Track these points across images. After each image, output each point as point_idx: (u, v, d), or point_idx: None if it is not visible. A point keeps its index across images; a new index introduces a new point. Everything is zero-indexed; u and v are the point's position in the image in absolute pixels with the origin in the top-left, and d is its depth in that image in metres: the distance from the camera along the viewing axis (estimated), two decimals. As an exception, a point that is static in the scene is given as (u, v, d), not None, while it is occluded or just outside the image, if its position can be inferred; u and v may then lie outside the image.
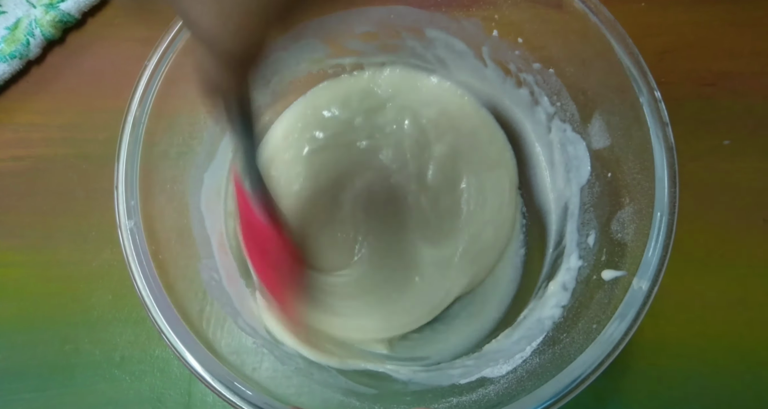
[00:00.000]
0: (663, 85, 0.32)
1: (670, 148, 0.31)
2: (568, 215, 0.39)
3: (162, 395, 0.41)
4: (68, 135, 0.47)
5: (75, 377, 0.42)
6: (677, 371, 0.41)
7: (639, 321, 0.30)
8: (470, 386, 0.34)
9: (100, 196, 0.45)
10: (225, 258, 0.39)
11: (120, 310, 0.43)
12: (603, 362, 0.29)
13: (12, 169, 0.46)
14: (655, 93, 0.32)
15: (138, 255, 0.32)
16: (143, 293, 0.32)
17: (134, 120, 0.34)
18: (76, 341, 0.42)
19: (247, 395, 0.30)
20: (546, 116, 0.40)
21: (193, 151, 0.39)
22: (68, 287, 0.44)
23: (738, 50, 0.47)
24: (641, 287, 0.30)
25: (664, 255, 0.30)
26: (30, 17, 0.47)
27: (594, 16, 0.33)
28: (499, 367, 0.34)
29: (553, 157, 0.41)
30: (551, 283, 0.37)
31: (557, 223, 0.41)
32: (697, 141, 0.45)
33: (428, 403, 0.34)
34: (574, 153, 0.38)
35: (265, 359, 0.36)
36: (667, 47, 0.47)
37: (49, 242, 0.45)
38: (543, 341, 0.35)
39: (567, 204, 0.40)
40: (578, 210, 0.38)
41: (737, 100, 0.46)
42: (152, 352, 0.42)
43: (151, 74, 0.34)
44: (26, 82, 0.48)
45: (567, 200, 0.40)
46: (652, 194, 0.31)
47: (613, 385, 0.41)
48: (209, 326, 0.34)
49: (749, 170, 0.45)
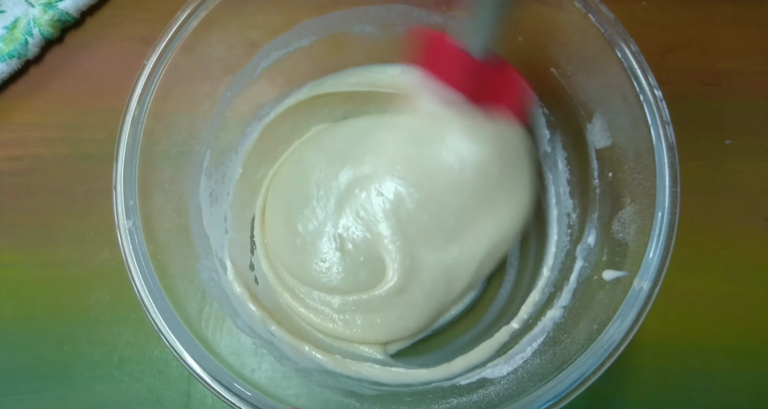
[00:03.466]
0: (664, 84, 0.32)
1: (671, 147, 0.31)
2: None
3: (161, 396, 0.41)
4: (67, 135, 0.47)
5: (73, 377, 0.42)
6: (677, 371, 0.41)
7: (640, 321, 0.30)
8: (470, 386, 0.34)
9: (99, 196, 0.45)
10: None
11: (119, 310, 0.43)
12: (604, 362, 0.29)
13: (10, 169, 0.46)
14: (656, 92, 0.32)
15: (137, 255, 0.32)
16: (142, 294, 0.32)
17: (133, 119, 0.34)
18: (74, 342, 0.42)
19: (247, 395, 0.30)
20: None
21: (192, 150, 0.39)
22: (67, 287, 0.43)
23: (740, 49, 0.47)
24: (642, 287, 0.30)
25: (666, 255, 0.30)
26: (28, 16, 0.47)
27: (594, 15, 0.33)
28: (499, 367, 0.34)
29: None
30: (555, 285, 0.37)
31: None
32: (698, 141, 0.45)
33: (428, 403, 0.34)
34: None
35: (264, 360, 0.36)
36: (669, 46, 0.47)
37: (48, 242, 0.45)
38: (544, 341, 0.35)
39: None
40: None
41: (739, 100, 0.46)
42: (151, 352, 0.42)
43: (150, 73, 0.34)
44: (25, 81, 0.48)
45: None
46: (653, 194, 0.31)
47: (613, 385, 0.41)
48: (208, 326, 0.34)
49: (751, 170, 0.45)
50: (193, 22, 0.34)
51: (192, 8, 0.34)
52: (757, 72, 0.46)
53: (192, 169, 0.39)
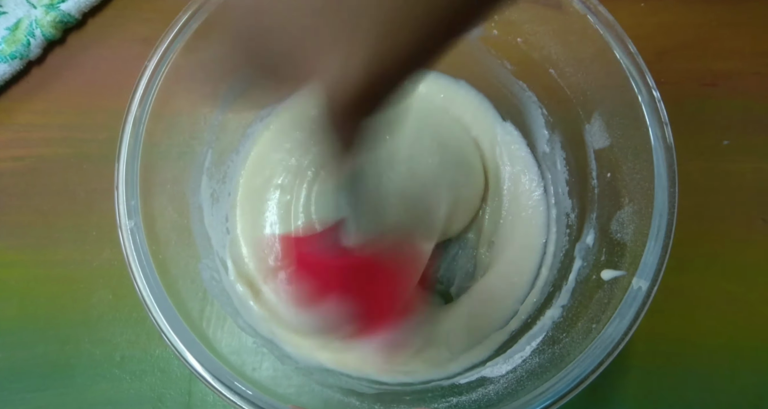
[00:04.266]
0: (662, 85, 0.32)
1: (669, 148, 0.31)
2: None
3: (162, 395, 0.41)
4: (68, 135, 0.47)
5: (75, 376, 0.42)
6: (677, 370, 0.41)
7: (638, 321, 0.30)
8: (470, 385, 0.34)
9: (101, 196, 0.45)
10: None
11: (120, 310, 0.43)
12: (602, 361, 0.29)
13: (12, 169, 0.46)
14: (654, 93, 0.32)
15: (138, 255, 0.32)
16: (143, 293, 0.32)
17: (134, 120, 0.34)
18: (76, 341, 0.42)
19: (248, 394, 0.30)
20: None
21: (194, 151, 0.39)
22: (68, 286, 0.44)
23: (737, 50, 0.47)
24: (641, 286, 0.30)
25: (664, 255, 0.30)
26: (30, 18, 0.47)
27: (593, 16, 0.33)
28: (498, 367, 0.35)
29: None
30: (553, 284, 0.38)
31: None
32: (696, 141, 0.45)
33: (428, 403, 0.34)
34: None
35: (265, 359, 0.36)
36: (666, 47, 0.47)
37: (49, 241, 0.45)
38: (543, 340, 0.35)
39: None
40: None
41: (736, 100, 0.46)
42: (152, 352, 0.42)
43: (152, 74, 0.34)
44: (27, 82, 0.48)
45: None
46: (652, 194, 0.31)
47: (612, 384, 0.41)
48: (210, 325, 0.35)
49: (749, 170, 0.45)
50: (194, 23, 0.35)
51: (193, 9, 0.35)
52: (755, 73, 0.46)
53: (193, 170, 0.39)
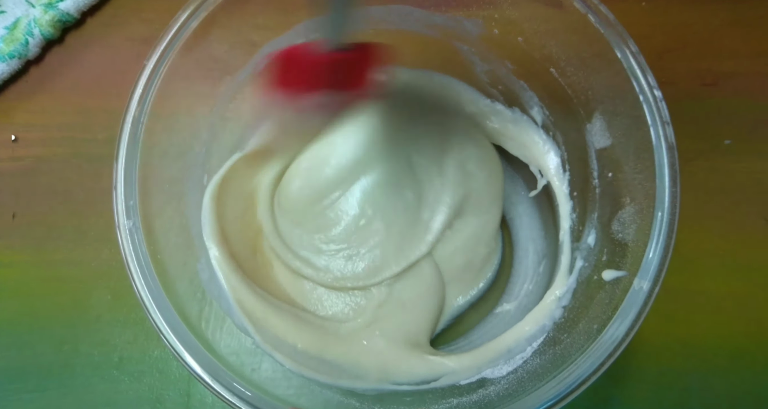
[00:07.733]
0: (663, 84, 0.32)
1: (670, 147, 0.31)
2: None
3: (161, 396, 0.41)
4: (67, 135, 0.47)
5: (74, 377, 0.42)
6: (677, 371, 0.41)
7: (640, 321, 0.30)
8: (470, 386, 0.34)
9: (99, 196, 0.45)
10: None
11: (119, 310, 0.43)
12: (604, 362, 0.29)
13: (11, 169, 0.46)
14: (655, 92, 0.32)
15: (137, 255, 0.32)
16: (142, 294, 0.32)
17: (133, 120, 0.34)
18: (74, 342, 0.42)
19: (247, 395, 0.30)
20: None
21: (193, 151, 0.39)
22: (67, 287, 0.43)
23: (739, 50, 0.47)
24: (642, 287, 0.30)
25: (665, 255, 0.30)
26: (29, 17, 0.47)
27: (594, 15, 0.33)
28: (499, 368, 0.34)
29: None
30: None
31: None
32: (698, 141, 0.45)
33: (428, 403, 0.34)
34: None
35: (264, 360, 0.36)
36: (668, 47, 0.47)
37: (48, 242, 0.45)
38: (544, 341, 0.35)
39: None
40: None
41: (738, 100, 0.46)
42: (151, 352, 0.42)
43: (151, 74, 0.34)
44: (25, 82, 0.48)
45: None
46: (653, 194, 0.31)
47: (613, 385, 0.41)
48: (208, 326, 0.34)
49: (750, 170, 0.45)
50: (193, 23, 0.35)
51: (192, 9, 0.34)
52: (757, 72, 0.46)
53: (192, 169, 0.39)
